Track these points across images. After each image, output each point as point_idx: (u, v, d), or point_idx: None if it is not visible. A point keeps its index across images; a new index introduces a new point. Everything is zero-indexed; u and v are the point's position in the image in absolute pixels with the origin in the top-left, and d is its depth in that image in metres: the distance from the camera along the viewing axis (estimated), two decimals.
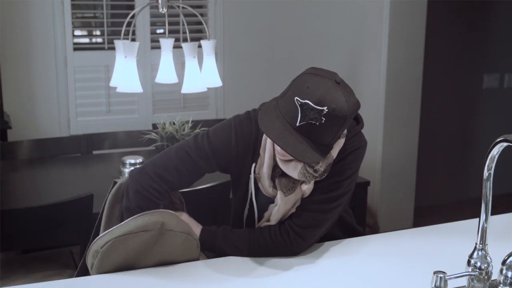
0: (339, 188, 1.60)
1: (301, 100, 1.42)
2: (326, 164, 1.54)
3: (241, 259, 1.64)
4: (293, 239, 1.60)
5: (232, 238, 1.64)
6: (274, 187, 1.61)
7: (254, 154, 1.64)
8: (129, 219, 1.48)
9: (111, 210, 1.65)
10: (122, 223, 1.49)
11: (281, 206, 1.61)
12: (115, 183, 1.68)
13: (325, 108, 1.40)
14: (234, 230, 1.67)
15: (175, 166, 1.62)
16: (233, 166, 1.66)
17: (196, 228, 1.66)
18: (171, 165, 1.62)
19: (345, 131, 1.58)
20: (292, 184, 1.59)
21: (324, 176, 1.57)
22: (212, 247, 1.65)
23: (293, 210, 1.63)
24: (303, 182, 1.59)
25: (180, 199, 1.70)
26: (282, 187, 1.59)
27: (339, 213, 1.68)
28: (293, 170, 1.55)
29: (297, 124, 1.43)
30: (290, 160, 1.54)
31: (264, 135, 1.61)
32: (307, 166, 1.53)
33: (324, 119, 1.41)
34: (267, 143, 1.61)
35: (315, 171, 1.53)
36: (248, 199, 1.68)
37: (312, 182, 1.59)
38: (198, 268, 1.54)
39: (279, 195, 1.59)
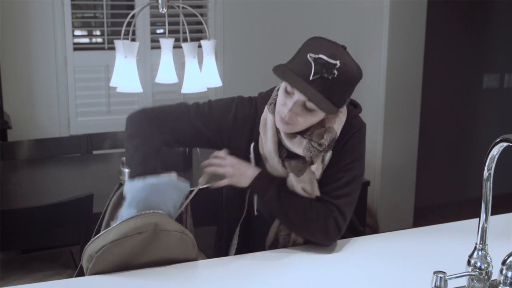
0: (353, 169, 1.63)
1: (314, 55, 1.48)
2: (330, 138, 1.58)
3: (240, 258, 1.65)
4: (340, 222, 1.61)
5: (283, 198, 1.61)
6: (284, 166, 1.63)
7: (252, 135, 1.67)
8: (121, 221, 1.48)
9: (113, 211, 1.65)
10: (114, 225, 1.48)
11: (297, 186, 1.61)
12: (121, 185, 1.66)
13: (338, 62, 1.48)
14: (290, 191, 1.63)
15: (173, 115, 1.66)
16: (226, 139, 1.68)
17: (254, 170, 1.64)
18: (169, 113, 1.66)
19: (346, 104, 1.60)
20: (301, 165, 1.61)
21: (328, 152, 1.61)
22: (262, 194, 1.63)
23: (316, 191, 1.62)
24: (311, 163, 1.61)
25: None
26: (293, 169, 1.61)
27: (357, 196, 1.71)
28: (299, 145, 1.58)
29: (311, 78, 1.48)
30: (294, 136, 1.58)
31: (263, 114, 1.65)
32: (312, 141, 1.57)
33: (336, 73, 1.47)
34: (268, 120, 1.63)
35: (320, 145, 1.57)
36: None
37: (320, 161, 1.61)
38: (197, 268, 1.54)
39: (292, 177, 1.61)
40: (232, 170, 1.64)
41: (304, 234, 1.65)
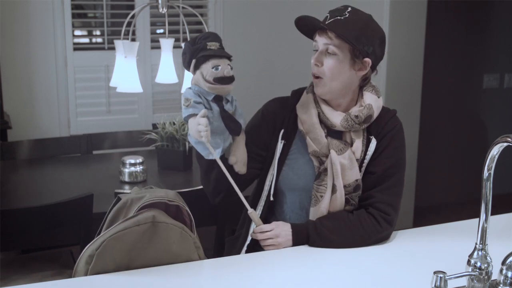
0: (403, 165, 1.75)
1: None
2: (366, 114, 1.69)
3: (240, 258, 1.65)
4: (381, 221, 1.69)
5: (323, 231, 1.67)
6: (326, 138, 1.69)
7: (282, 125, 1.75)
8: (120, 221, 1.49)
9: (110, 225, 1.62)
10: (113, 226, 1.48)
11: (336, 161, 1.67)
12: (119, 198, 1.63)
13: (349, 7, 1.68)
14: (324, 223, 1.68)
15: None
16: (266, 138, 1.76)
17: (287, 228, 1.69)
18: None
19: (369, 53, 1.67)
20: (343, 145, 1.69)
21: (364, 126, 1.71)
22: (305, 242, 1.69)
23: (355, 171, 1.68)
24: (351, 144, 1.70)
25: (190, 218, 1.68)
26: (334, 147, 1.69)
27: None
28: (338, 115, 1.70)
29: (327, 22, 1.66)
30: (335, 110, 1.71)
31: (302, 99, 1.76)
32: (350, 114, 1.69)
33: (348, 14, 1.65)
34: (307, 98, 1.73)
35: (356, 117, 1.68)
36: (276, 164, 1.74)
37: (360, 142, 1.70)
38: (198, 268, 1.54)
39: (333, 154, 1.68)
40: (276, 241, 1.69)
41: (361, 245, 1.68)
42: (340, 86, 1.68)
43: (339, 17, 1.65)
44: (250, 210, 1.69)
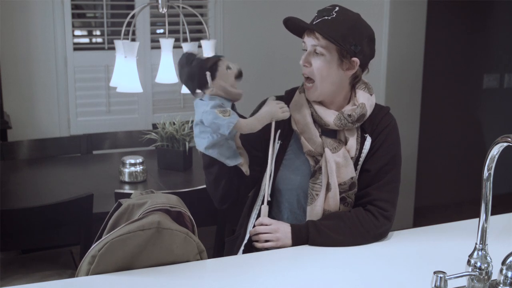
0: (399, 162, 1.78)
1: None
2: (359, 112, 1.70)
3: (240, 259, 1.65)
4: (379, 217, 1.69)
5: (323, 230, 1.67)
6: (320, 137, 1.70)
7: (278, 125, 1.74)
8: (124, 224, 1.48)
9: (111, 231, 1.60)
10: (117, 228, 1.48)
11: (330, 160, 1.68)
12: (120, 204, 1.61)
13: (337, 7, 1.68)
14: (323, 223, 1.69)
15: None
16: (263, 140, 1.76)
17: (286, 227, 1.70)
18: None
19: (357, 52, 1.68)
20: (337, 143, 1.70)
21: (357, 125, 1.71)
22: (305, 241, 1.69)
23: (350, 169, 1.68)
24: (346, 143, 1.70)
25: (191, 223, 1.65)
26: (328, 145, 1.70)
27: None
28: (331, 114, 1.70)
29: (314, 22, 1.67)
30: (328, 109, 1.71)
31: (294, 98, 1.77)
32: (343, 113, 1.70)
33: (335, 14, 1.66)
34: (299, 98, 1.74)
35: (350, 116, 1.69)
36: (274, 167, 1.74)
37: (354, 140, 1.71)
38: (198, 268, 1.54)
39: (327, 153, 1.68)
40: (275, 236, 1.69)
41: (361, 242, 1.68)
42: (330, 87, 1.69)
43: (326, 17, 1.65)
44: (265, 206, 1.72)
